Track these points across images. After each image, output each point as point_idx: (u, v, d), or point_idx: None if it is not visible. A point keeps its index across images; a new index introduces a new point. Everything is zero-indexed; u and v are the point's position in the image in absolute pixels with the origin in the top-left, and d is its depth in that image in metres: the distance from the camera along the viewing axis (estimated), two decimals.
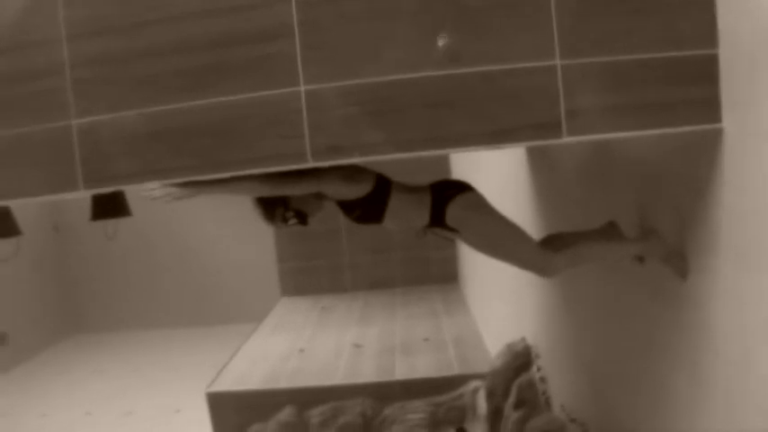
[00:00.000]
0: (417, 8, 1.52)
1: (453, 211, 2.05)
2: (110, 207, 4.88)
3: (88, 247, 9.36)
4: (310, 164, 1.57)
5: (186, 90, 1.59)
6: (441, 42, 1.51)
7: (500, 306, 4.62)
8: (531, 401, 3.32)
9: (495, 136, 1.58)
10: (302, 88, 1.54)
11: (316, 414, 4.73)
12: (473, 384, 4.56)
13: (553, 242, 2.06)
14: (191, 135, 1.60)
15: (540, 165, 3.23)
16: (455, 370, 4.79)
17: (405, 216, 2.11)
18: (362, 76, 1.53)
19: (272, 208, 2.04)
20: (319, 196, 2.05)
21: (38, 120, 1.69)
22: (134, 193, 1.91)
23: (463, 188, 2.11)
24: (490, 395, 3.72)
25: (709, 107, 1.60)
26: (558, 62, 1.55)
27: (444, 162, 6.78)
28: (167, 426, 6.01)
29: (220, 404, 4.81)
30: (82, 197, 1.92)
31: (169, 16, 1.57)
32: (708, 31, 1.58)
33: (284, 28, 1.53)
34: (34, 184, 1.72)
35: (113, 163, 1.67)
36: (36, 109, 1.69)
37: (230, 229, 8.95)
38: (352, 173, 2.00)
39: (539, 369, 3.41)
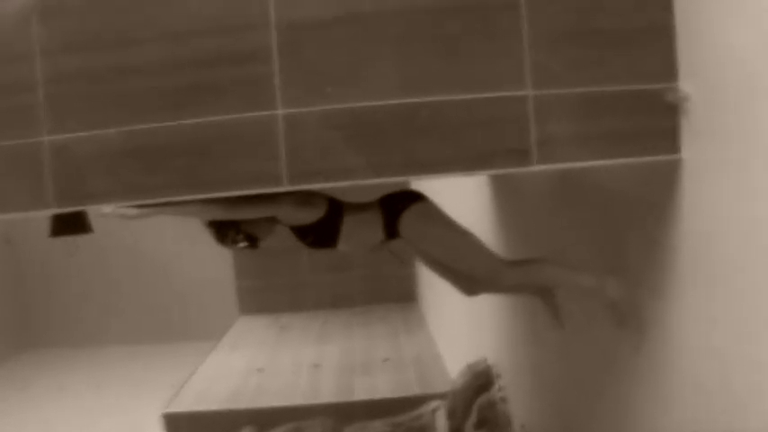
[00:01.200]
0: (398, 35, 1.56)
1: (406, 223, 2.10)
2: (69, 224, 4.77)
3: (45, 262, 9.10)
4: (286, 187, 1.58)
5: (164, 109, 1.59)
6: None
7: (460, 326, 4.66)
8: (492, 421, 3.36)
9: (471, 162, 1.63)
10: (280, 111, 1.56)
11: None
12: (432, 404, 4.58)
13: (511, 262, 2.12)
14: (168, 154, 1.60)
15: (503, 188, 3.30)
16: (414, 390, 4.81)
17: (359, 236, 2.15)
18: (342, 101, 1.56)
19: (223, 230, 2.06)
20: (271, 220, 2.08)
21: (7, 135, 1.66)
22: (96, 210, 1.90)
23: (414, 198, 2.14)
24: (451, 415, 3.75)
25: (670, 138, 1.68)
26: (529, 92, 1.61)
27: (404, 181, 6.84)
28: None
29: (177, 425, 4.72)
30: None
31: (149, 36, 1.57)
32: (669, 66, 1.66)
33: (264, 51, 1.55)
34: (5, 201, 1.69)
35: (87, 181, 1.65)
36: (6, 124, 1.66)
37: (189, 247, 8.82)
38: (305, 197, 2.04)
39: (500, 389, 3.46)
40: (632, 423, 2.06)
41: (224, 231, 2.06)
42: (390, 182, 1.66)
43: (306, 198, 2.03)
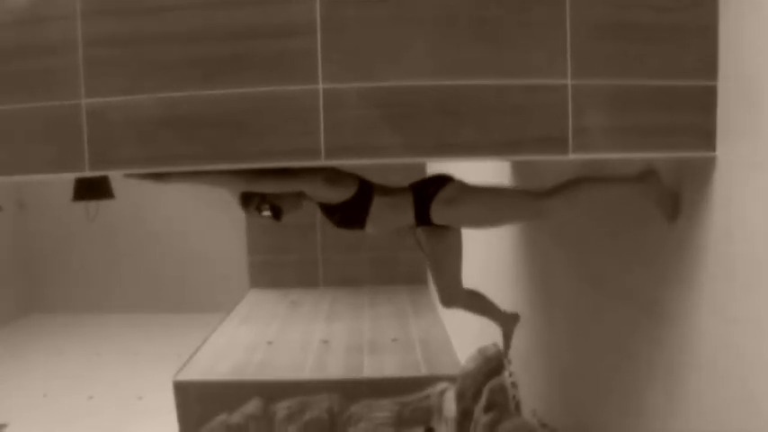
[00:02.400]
0: (440, 17, 1.55)
1: (437, 211, 2.10)
2: (93, 188, 4.80)
3: (60, 227, 9.17)
4: (323, 162, 1.59)
5: (202, 79, 1.60)
6: None
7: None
8: (502, 405, 3.39)
9: (504, 147, 1.63)
10: (321, 86, 1.57)
11: (282, 408, 4.73)
12: (440, 386, 4.62)
13: (549, 190, 2.05)
14: (204, 124, 1.61)
15: (524, 171, 3.30)
16: (422, 371, 4.85)
17: (388, 220, 2.14)
18: (382, 79, 1.56)
19: (248, 196, 2.05)
20: (299, 195, 2.07)
21: (47, 96, 1.67)
22: (119, 176, 1.91)
23: (443, 181, 2.14)
24: (460, 397, 3.78)
25: (705, 136, 1.68)
26: (569, 81, 1.61)
27: (420, 165, 6.85)
28: (129, 412, 5.94)
29: (186, 393, 4.78)
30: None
31: (191, 3, 1.58)
32: (709, 64, 1.65)
33: (307, 25, 1.56)
34: (39, 162, 1.70)
35: (122, 146, 1.66)
36: (46, 85, 1.67)
37: (204, 219, 8.89)
38: (335, 176, 2.02)
39: (510, 374, 3.49)
40: (644, 413, 2.07)
41: (249, 199, 2.06)
42: (408, 162, 1.66)
43: (336, 176, 2.03)
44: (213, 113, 1.60)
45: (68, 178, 1.82)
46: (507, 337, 2.63)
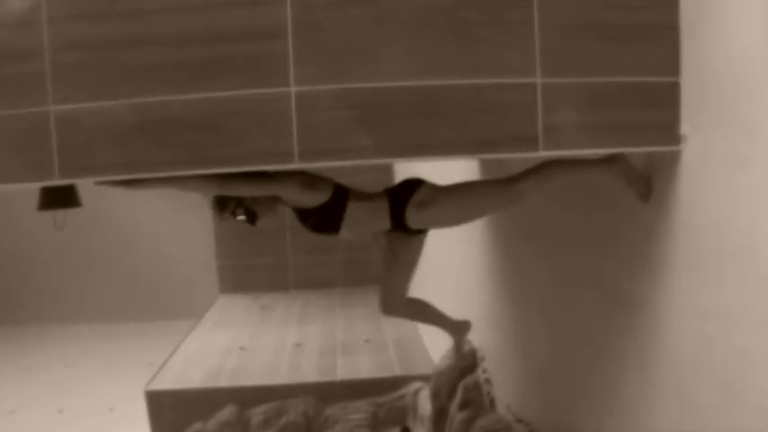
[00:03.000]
0: (413, 18, 1.57)
1: (412, 215, 2.11)
2: (59, 197, 4.69)
3: (23, 237, 8.94)
4: (296, 165, 1.59)
5: (175, 83, 1.58)
6: None
7: (441, 309, 4.72)
8: (477, 402, 3.43)
9: (477, 146, 1.66)
10: (293, 89, 1.57)
11: (257, 413, 4.71)
12: (415, 386, 4.65)
13: (518, 176, 2.06)
14: (178, 129, 1.60)
15: (493, 168, 3.33)
16: (396, 371, 4.88)
17: (363, 224, 2.15)
18: (355, 80, 1.57)
19: (224, 201, 2.05)
20: (274, 200, 2.07)
21: (13, 104, 1.64)
22: (86, 183, 1.88)
23: (415, 185, 2.15)
24: (435, 396, 3.81)
25: (671, 131, 1.73)
26: (538, 80, 1.64)
27: (388, 167, 6.87)
28: (101, 424, 5.83)
29: (159, 403, 4.72)
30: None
31: (163, 8, 1.56)
32: (673, 61, 1.70)
33: (279, 27, 1.56)
34: (6, 170, 1.67)
35: (93, 153, 1.64)
36: (12, 92, 1.64)
37: (171, 224, 8.76)
38: (310, 180, 2.02)
39: (484, 371, 3.52)
40: (618, 403, 2.12)
41: (225, 203, 2.05)
42: (380, 163, 1.67)
43: (311, 181, 2.03)
44: (187, 118, 1.59)
45: (35, 187, 1.78)
46: (458, 345, 2.63)
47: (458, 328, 2.63)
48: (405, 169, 6.54)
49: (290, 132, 1.58)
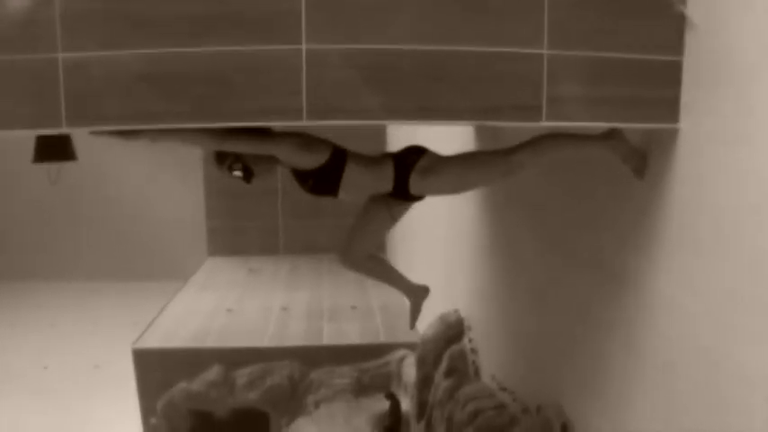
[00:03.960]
0: None
1: (416, 181, 2.14)
2: (55, 150, 4.65)
3: (12, 192, 8.86)
4: (305, 122, 1.61)
5: (185, 35, 1.59)
6: None
7: (430, 278, 4.77)
8: (462, 371, 3.50)
9: (482, 112, 1.69)
10: (304, 46, 1.58)
11: (243, 374, 4.77)
12: (399, 353, 4.73)
13: (516, 147, 2.08)
14: (187, 82, 1.60)
15: (489, 140, 3.36)
16: (382, 338, 4.95)
17: (362, 187, 2.17)
18: (365, 41, 1.59)
19: (224, 154, 2.05)
20: (273, 160, 2.08)
21: (21, 49, 1.64)
22: (81, 136, 1.89)
23: (420, 152, 2.18)
24: (421, 363, 3.88)
25: (670, 109, 1.76)
26: (545, 51, 1.66)
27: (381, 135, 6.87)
28: (86, 381, 5.88)
29: (146, 361, 4.77)
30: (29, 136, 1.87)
31: None
32: (676, 40, 1.73)
33: None
34: (13, 117, 1.67)
35: (101, 102, 1.64)
36: (20, 37, 1.63)
37: (162, 183, 8.73)
38: (308, 141, 2.02)
39: (470, 340, 3.60)
40: (603, 374, 2.19)
41: (224, 156, 2.06)
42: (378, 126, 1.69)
43: (308, 142, 2.03)
44: (197, 71, 1.60)
45: (33, 135, 1.78)
46: (415, 308, 2.64)
47: (415, 292, 2.62)
48: (398, 137, 6.55)
49: (300, 90, 1.59)
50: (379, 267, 2.49)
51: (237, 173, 2.06)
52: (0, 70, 1.64)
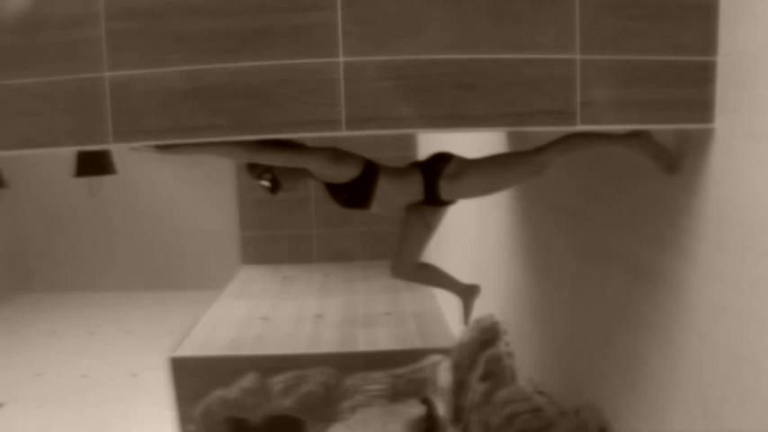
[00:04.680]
0: None
1: (445, 186, 2.18)
2: (95, 164, 4.80)
3: (50, 205, 9.10)
4: (344, 132, 1.65)
5: (226, 51, 1.64)
6: None
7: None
8: (498, 375, 3.50)
9: (514, 119, 1.71)
10: (341, 59, 1.63)
11: (278, 381, 4.82)
12: (434, 358, 4.73)
13: (543, 146, 2.12)
14: (227, 95, 1.66)
15: (521, 143, 3.37)
16: (416, 344, 4.96)
17: (393, 198, 2.21)
18: (399, 52, 1.62)
19: (255, 164, 2.11)
20: (302, 175, 2.14)
21: (70, 69, 1.71)
22: (120, 151, 1.95)
23: (446, 158, 2.22)
24: (456, 368, 3.89)
25: (704, 109, 1.77)
26: (578, 56, 1.68)
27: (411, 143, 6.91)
28: (124, 389, 5.99)
29: (183, 369, 4.84)
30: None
31: None
32: (709, 40, 1.74)
33: (328, 0, 1.61)
34: (62, 134, 1.74)
35: (144, 118, 1.71)
36: (69, 58, 1.70)
37: (196, 194, 8.87)
38: (340, 155, 2.08)
39: (506, 344, 3.60)
40: (640, 375, 2.18)
41: (256, 165, 2.12)
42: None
43: (340, 156, 2.08)
44: (236, 85, 1.65)
45: (72, 152, 1.85)
46: (467, 307, 2.70)
47: (467, 291, 2.67)
48: (428, 144, 6.57)
49: (338, 101, 1.64)
50: (429, 274, 2.56)
51: (265, 183, 2.12)
52: (49, 90, 1.72)
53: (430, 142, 6.28)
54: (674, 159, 1.92)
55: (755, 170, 1.61)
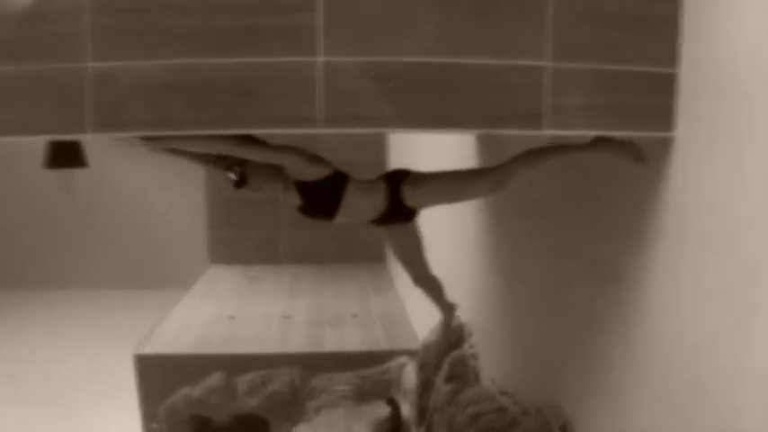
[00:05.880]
0: None
1: (408, 191, 2.28)
2: (66, 156, 4.73)
3: (15, 203, 8.91)
4: (323, 129, 1.70)
5: (209, 48, 1.68)
6: None
7: None
8: (462, 376, 3.57)
9: (488, 121, 1.78)
10: (321, 59, 1.68)
11: (244, 381, 4.82)
12: (400, 360, 4.79)
13: (503, 163, 2.24)
14: (209, 91, 1.69)
15: (489, 148, 3.46)
16: (382, 346, 5.02)
17: (360, 206, 2.29)
18: (380, 53, 1.68)
19: (225, 156, 2.15)
20: (272, 176, 2.20)
21: (52, 59, 1.73)
22: (92, 144, 1.97)
23: (406, 172, 2.36)
24: (422, 368, 3.95)
25: (666, 117, 1.86)
26: (548, 63, 1.76)
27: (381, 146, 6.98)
28: (86, 388, 5.91)
29: (148, 367, 4.82)
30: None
31: None
32: (672, 52, 1.84)
33: (310, 2, 1.66)
34: (43, 123, 1.75)
35: (127, 109, 1.73)
36: (52, 49, 1.72)
37: (162, 194, 8.79)
38: (315, 156, 2.19)
39: (471, 346, 3.67)
40: (601, 373, 2.27)
41: (227, 156, 2.15)
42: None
43: (314, 156, 2.19)
44: (220, 81, 1.69)
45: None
46: (448, 324, 2.89)
47: (450, 309, 2.87)
48: (400, 148, 6.65)
49: (318, 99, 1.68)
50: (430, 290, 2.81)
51: (232, 176, 2.16)
52: (32, 79, 1.73)
53: (402, 144, 6.36)
54: (640, 151, 2.00)
55: (713, 176, 1.70)
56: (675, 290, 1.85)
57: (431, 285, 2.77)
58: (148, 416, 4.83)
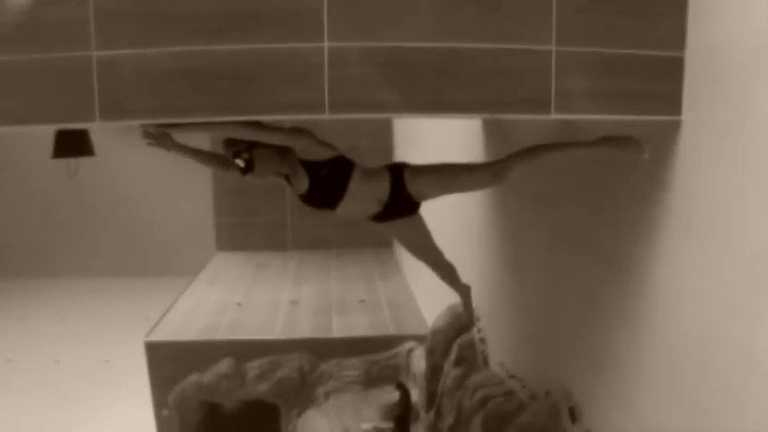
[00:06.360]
0: None
1: (410, 179, 2.28)
2: (74, 145, 4.75)
3: (22, 190, 8.95)
4: (327, 116, 1.70)
5: (214, 33, 1.67)
6: None
7: None
8: (471, 360, 3.59)
9: (493, 106, 1.78)
10: (326, 44, 1.67)
11: (253, 367, 4.87)
12: (408, 345, 4.82)
13: (503, 157, 2.23)
14: (214, 77, 1.69)
15: (495, 135, 3.45)
16: (390, 331, 5.04)
17: (364, 193, 2.29)
18: (383, 39, 1.67)
19: (235, 141, 2.16)
20: (280, 163, 2.20)
21: (58, 48, 1.73)
22: (97, 133, 1.97)
23: (406, 164, 2.36)
24: (430, 353, 3.97)
25: (672, 102, 1.85)
26: (553, 48, 1.75)
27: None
28: (97, 375, 5.97)
29: (158, 354, 4.86)
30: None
31: None
32: (678, 37, 1.82)
33: None
34: (50, 112, 1.76)
35: (132, 97, 1.73)
36: (57, 37, 1.72)
37: (170, 182, 8.81)
38: (322, 140, 2.19)
39: (479, 330, 3.68)
40: (609, 357, 2.28)
41: (235, 143, 2.16)
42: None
43: (322, 140, 2.19)
44: (223, 67, 1.68)
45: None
46: (468, 304, 2.90)
47: (466, 290, 2.88)
48: (403, 133, 6.63)
49: (322, 85, 1.68)
50: (447, 275, 2.82)
51: (240, 162, 2.16)
52: (36, 67, 1.74)
53: (407, 132, 6.34)
54: (641, 144, 1.98)
55: (719, 162, 1.69)
56: (680, 275, 1.84)
57: (448, 271, 2.78)
58: (159, 402, 4.89)
